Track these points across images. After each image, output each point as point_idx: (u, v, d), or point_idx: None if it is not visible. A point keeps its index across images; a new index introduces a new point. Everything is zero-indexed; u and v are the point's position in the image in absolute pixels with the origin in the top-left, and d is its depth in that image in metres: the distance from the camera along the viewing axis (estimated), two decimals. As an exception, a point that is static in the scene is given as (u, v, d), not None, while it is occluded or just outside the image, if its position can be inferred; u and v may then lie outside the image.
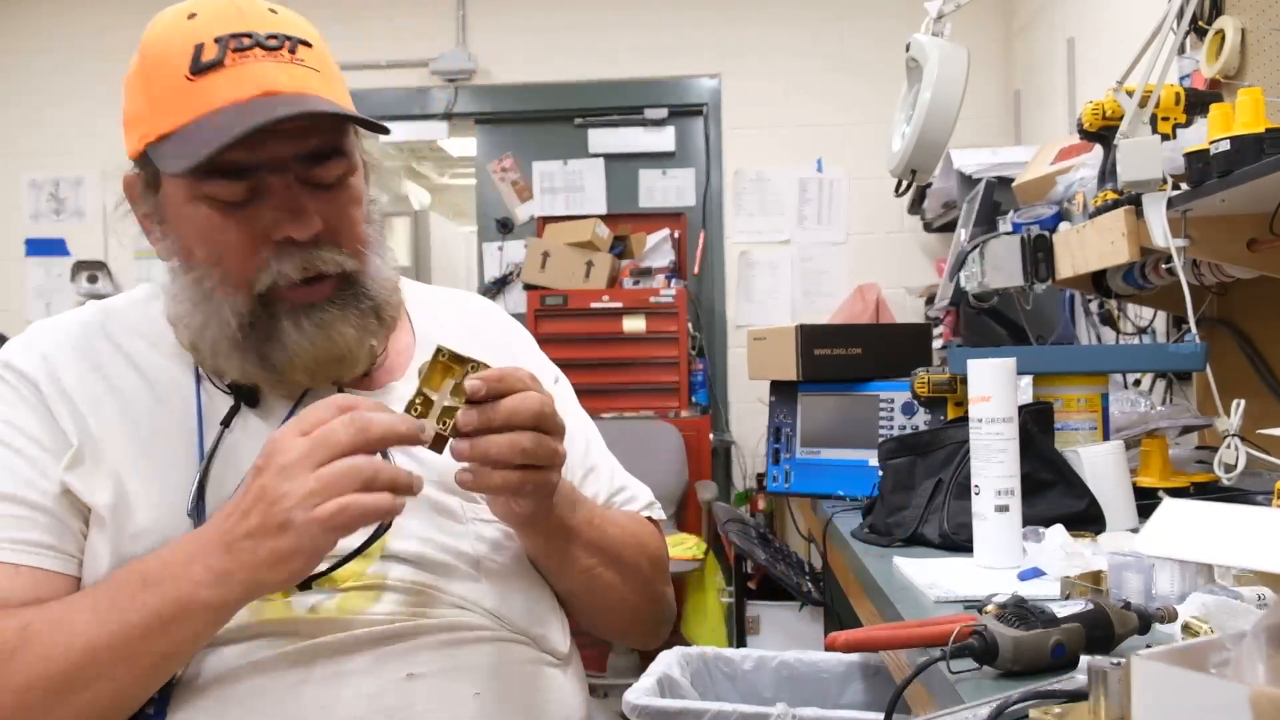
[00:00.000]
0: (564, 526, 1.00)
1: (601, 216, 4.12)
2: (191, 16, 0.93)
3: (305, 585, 0.93)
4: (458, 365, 0.88)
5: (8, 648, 0.84)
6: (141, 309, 1.04)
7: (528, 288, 3.97)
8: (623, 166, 4.24)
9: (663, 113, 4.19)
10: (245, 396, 0.99)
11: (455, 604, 0.97)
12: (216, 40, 0.91)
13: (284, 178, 0.93)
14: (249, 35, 0.92)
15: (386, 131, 0.98)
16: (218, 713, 0.90)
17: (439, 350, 0.88)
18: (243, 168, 0.91)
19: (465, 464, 0.89)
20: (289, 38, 0.94)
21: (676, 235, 4.17)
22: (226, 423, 0.97)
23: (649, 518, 1.20)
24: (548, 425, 0.89)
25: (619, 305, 3.84)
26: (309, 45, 0.95)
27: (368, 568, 0.95)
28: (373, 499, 0.80)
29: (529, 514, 0.96)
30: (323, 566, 0.91)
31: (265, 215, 0.93)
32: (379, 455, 0.84)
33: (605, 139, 4.23)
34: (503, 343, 1.18)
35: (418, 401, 0.87)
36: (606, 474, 1.18)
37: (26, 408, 0.95)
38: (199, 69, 0.91)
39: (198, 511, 0.93)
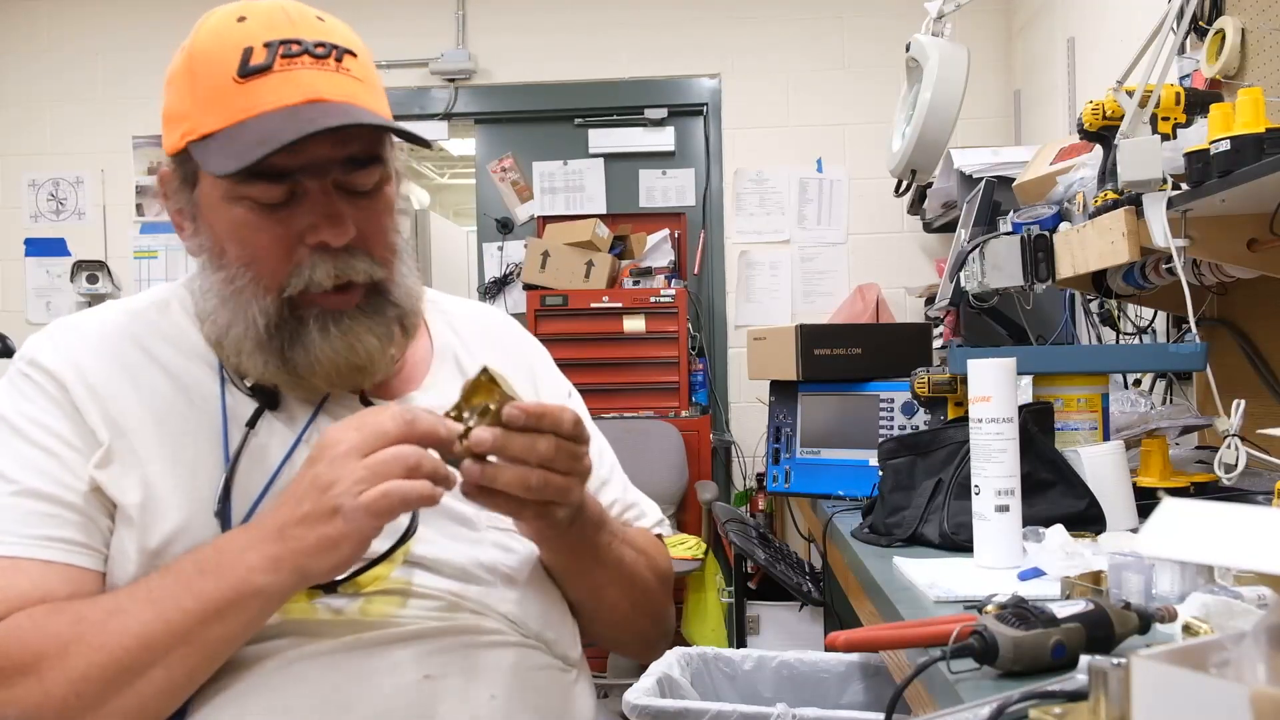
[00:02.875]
0: (583, 545, 1.02)
1: (601, 216, 4.12)
2: (241, 20, 0.94)
3: (330, 588, 0.94)
4: (496, 389, 0.89)
5: (61, 640, 0.86)
6: (162, 311, 1.04)
7: (528, 288, 3.97)
8: (623, 166, 4.24)
9: (663, 113, 4.19)
10: (267, 399, 0.99)
11: (473, 609, 0.98)
12: (266, 45, 0.92)
13: (322, 183, 0.94)
14: (298, 42, 0.93)
15: (429, 145, 1.00)
16: (237, 711, 0.90)
17: (484, 370, 0.89)
18: (284, 171, 0.91)
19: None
20: (335, 46, 0.95)
21: (676, 235, 4.17)
22: (252, 424, 0.98)
23: (658, 535, 1.23)
24: (560, 466, 0.89)
25: (619, 305, 3.84)
26: (354, 55, 0.96)
27: (391, 572, 0.97)
28: (413, 484, 0.83)
29: (541, 531, 0.99)
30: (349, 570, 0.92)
31: (301, 219, 0.94)
32: None
33: (605, 139, 4.23)
34: (521, 357, 1.20)
35: (452, 414, 0.89)
36: (619, 488, 1.20)
37: (55, 406, 0.95)
38: (247, 72, 0.92)
39: (224, 511, 0.94)
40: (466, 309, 1.22)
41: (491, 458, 0.88)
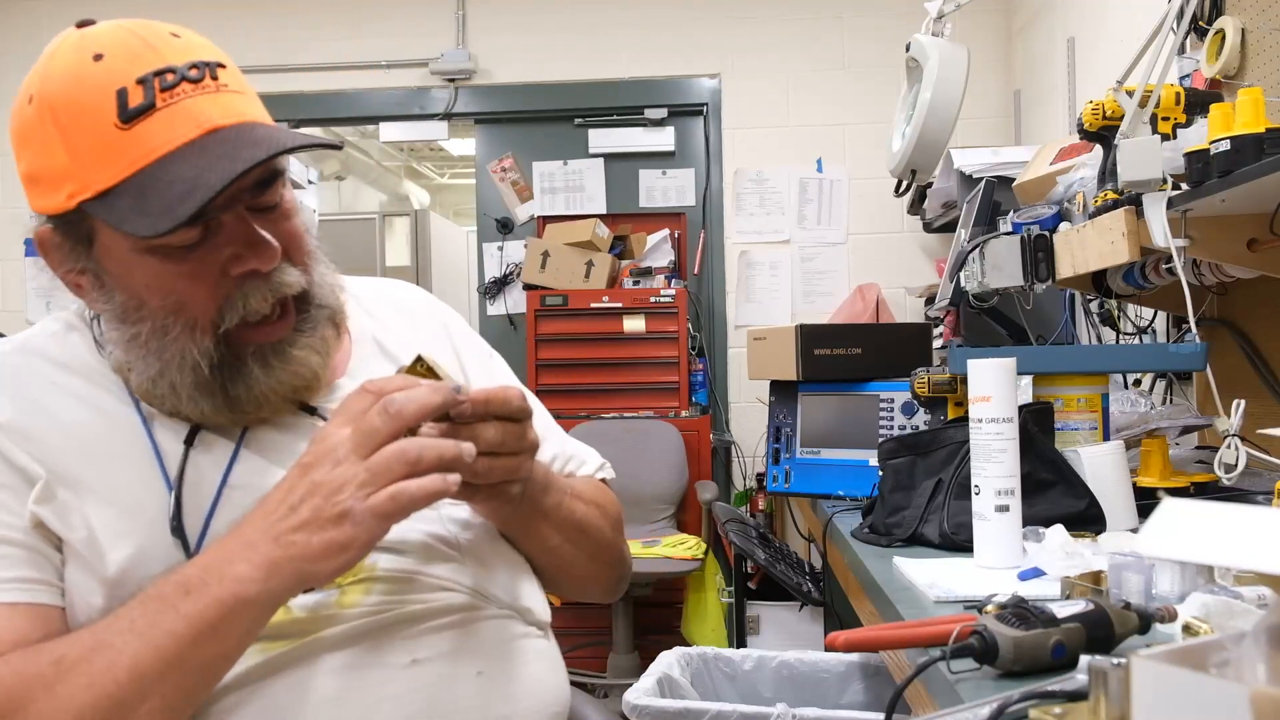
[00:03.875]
0: (535, 512, 1.03)
1: (601, 216, 4.13)
2: (98, 58, 0.88)
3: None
4: (433, 377, 0.89)
5: (44, 682, 0.82)
6: (61, 342, 1.00)
7: (528, 288, 3.98)
8: (623, 166, 4.24)
9: (663, 113, 4.19)
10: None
11: (442, 586, 0.99)
12: (140, 82, 0.87)
13: (235, 211, 0.91)
14: (171, 70, 0.88)
15: (339, 147, 0.98)
16: None
17: (419, 359, 0.90)
18: (200, 212, 0.85)
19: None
20: (206, 64, 0.90)
21: (676, 235, 4.17)
22: (190, 441, 0.95)
23: (603, 480, 1.23)
24: (508, 448, 0.90)
25: (619, 305, 3.84)
26: (224, 66, 0.92)
27: (363, 561, 0.96)
28: (419, 484, 0.82)
29: (493, 510, 1.00)
30: None
31: (220, 251, 0.91)
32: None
33: (605, 139, 4.23)
34: (437, 326, 1.19)
35: None
36: (557, 442, 1.20)
37: None
38: (129, 116, 0.86)
39: (179, 529, 0.92)
40: (374, 288, 1.20)
41: None
